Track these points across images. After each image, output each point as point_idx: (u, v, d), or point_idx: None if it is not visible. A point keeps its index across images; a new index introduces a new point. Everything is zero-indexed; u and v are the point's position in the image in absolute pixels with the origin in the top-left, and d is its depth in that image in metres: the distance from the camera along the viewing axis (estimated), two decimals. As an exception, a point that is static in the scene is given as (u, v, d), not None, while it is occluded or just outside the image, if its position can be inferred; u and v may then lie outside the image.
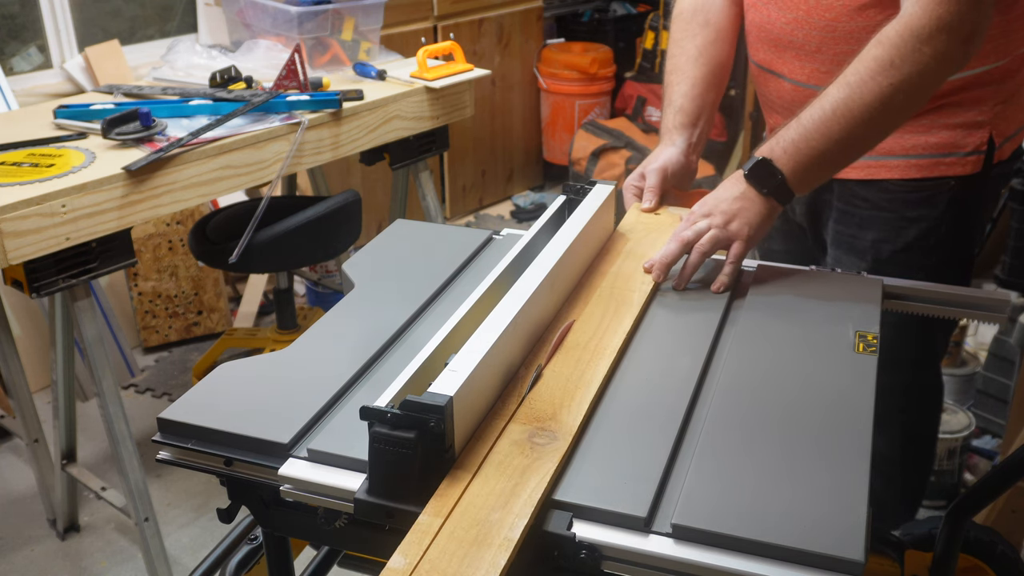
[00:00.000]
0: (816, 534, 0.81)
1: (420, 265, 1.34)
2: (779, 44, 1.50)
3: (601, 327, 1.14)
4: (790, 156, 1.25)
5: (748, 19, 1.57)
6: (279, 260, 2.63)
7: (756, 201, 1.26)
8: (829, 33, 1.42)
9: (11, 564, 2.41)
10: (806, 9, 1.43)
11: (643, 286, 1.24)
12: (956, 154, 1.47)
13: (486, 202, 4.48)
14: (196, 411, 1.00)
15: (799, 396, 1.02)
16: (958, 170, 1.48)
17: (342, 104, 2.28)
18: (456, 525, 0.82)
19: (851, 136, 1.25)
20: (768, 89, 1.58)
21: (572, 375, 1.05)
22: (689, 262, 1.26)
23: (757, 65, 1.59)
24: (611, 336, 1.12)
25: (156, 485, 2.63)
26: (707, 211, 1.28)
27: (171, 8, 3.46)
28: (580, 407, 0.99)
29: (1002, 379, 2.75)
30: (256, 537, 1.23)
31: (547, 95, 4.48)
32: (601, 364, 1.07)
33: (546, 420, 0.97)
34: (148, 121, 2.04)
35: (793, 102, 1.50)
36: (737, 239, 1.26)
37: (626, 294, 1.22)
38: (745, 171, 1.27)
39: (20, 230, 1.77)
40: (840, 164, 1.31)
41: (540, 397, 1.01)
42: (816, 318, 1.18)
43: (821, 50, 1.44)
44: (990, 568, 1.46)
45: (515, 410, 0.99)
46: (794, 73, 1.50)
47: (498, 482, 0.88)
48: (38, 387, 3.03)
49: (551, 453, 0.91)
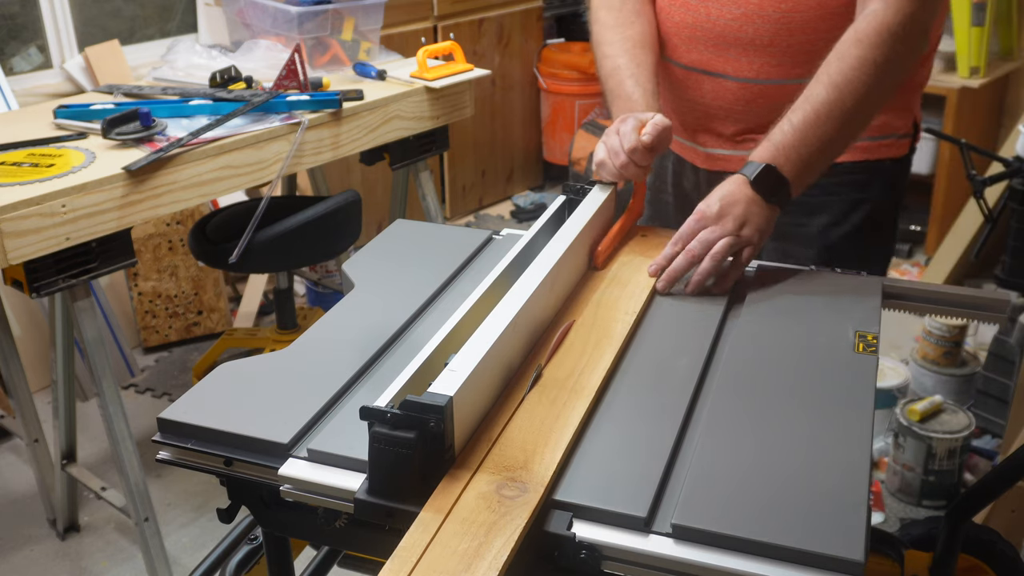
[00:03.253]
0: (816, 534, 0.81)
1: (420, 265, 1.34)
2: (721, 42, 1.45)
3: (581, 362, 1.07)
4: (792, 162, 1.25)
5: (672, 20, 1.50)
6: (279, 260, 2.63)
7: (764, 207, 1.25)
8: (784, 25, 1.39)
9: (11, 564, 2.41)
10: (757, 3, 1.40)
11: (626, 316, 1.17)
12: (891, 136, 1.52)
13: (486, 202, 4.48)
14: (196, 411, 0.99)
15: (799, 396, 1.02)
16: (894, 152, 1.54)
17: (342, 104, 2.28)
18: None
19: (841, 135, 1.28)
20: (701, 92, 1.52)
21: (547, 417, 0.97)
22: (702, 268, 1.23)
23: (684, 67, 1.52)
24: (590, 373, 1.05)
25: (156, 485, 2.63)
26: (718, 214, 1.24)
27: (171, 8, 3.46)
28: (554, 454, 0.91)
29: (1002, 379, 2.75)
30: (256, 537, 1.23)
31: (547, 95, 4.48)
32: (579, 405, 0.99)
33: (516, 469, 0.89)
34: (148, 121, 2.04)
35: (738, 101, 1.48)
36: (749, 245, 1.25)
37: (609, 325, 1.15)
38: (751, 178, 1.25)
39: (20, 230, 1.77)
40: (828, 163, 1.32)
41: (511, 442, 0.93)
42: (816, 318, 1.18)
43: (774, 43, 1.41)
44: (990, 568, 1.46)
45: (483, 458, 0.91)
46: (740, 71, 1.45)
47: (461, 542, 0.80)
48: (38, 387, 3.03)
49: (520, 508, 0.84)
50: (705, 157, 1.59)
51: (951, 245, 3.49)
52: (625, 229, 1.38)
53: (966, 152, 2.60)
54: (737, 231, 1.24)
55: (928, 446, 2.52)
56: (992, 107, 3.94)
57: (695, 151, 1.61)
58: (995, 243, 2.86)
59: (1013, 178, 2.66)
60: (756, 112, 1.47)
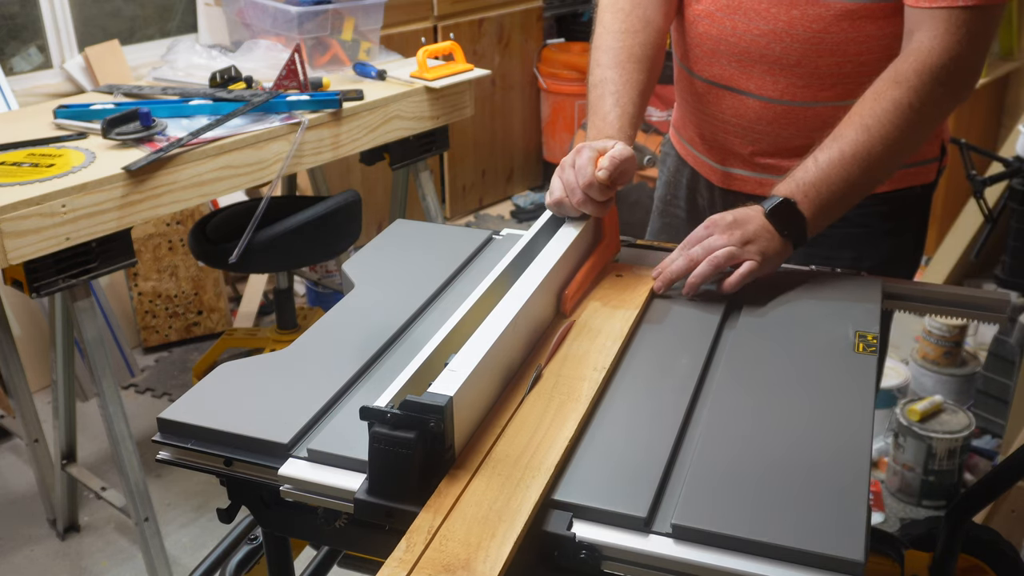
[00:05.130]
0: (816, 534, 0.81)
1: (420, 265, 1.34)
2: (746, 58, 1.39)
3: (538, 434, 0.94)
4: (811, 200, 1.22)
5: (696, 31, 1.44)
6: (279, 260, 2.63)
7: (776, 238, 1.21)
8: (813, 46, 1.34)
9: (11, 564, 2.41)
10: (787, 20, 1.33)
11: (595, 373, 1.03)
12: (920, 163, 1.48)
13: (486, 202, 4.48)
14: (196, 411, 0.99)
15: (799, 396, 1.02)
16: (922, 179, 1.49)
17: (342, 104, 2.28)
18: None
19: (867, 178, 1.23)
20: (721, 107, 1.47)
21: (495, 503, 0.85)
22: (699, 271, 1.20)
23: (706, 81, 1.47)
24: (548, 447, 0.92)
25: (156, 485, 2.63)
26: (727, 226, 1.21)
27: (171, 8, 3.46)
28: (501, 549, 0.80)
29: (1002, 379, 2.75)
30: (256, 537, 1.23)
31: (547, 95, 4.48)
32: (534, 486, 0.86)
33: (456, 569, 0.78)
34: (148, 121, 2.05)
35: (759, 120, 1.43)
36: (750, 259, 1.20)
37: (574, 384, 1.02)
38: (767, 210, 1.22)
39: (20, 230, 1.77)
40: (851, 204, 1.26)
41: (452, 534, 0.81)
42: (816, 318, 1.18)
43: (801, 63, 1.36)
44: (990, 568, 1.46)
45: (419, 558, 0.79)
46: (764, 89, 1.40)
47: None
48: (38, 387, 3.03)
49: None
50: (721, 175, 1.55)
51: (951, 245, 3.49)
52: (597, 269, 1.27)
53: (966, 152, 2.60)
54: (742, 244, 1.21)
55: (928, 446, 2.52)
56: (992, 107, 3.94)
57: (711, 167, 1.56)
58: (995, 243, 2.87)
59: (1013, 178, 2.66)
60: (776, 133, 1.43)
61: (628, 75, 1.38)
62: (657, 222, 1.72)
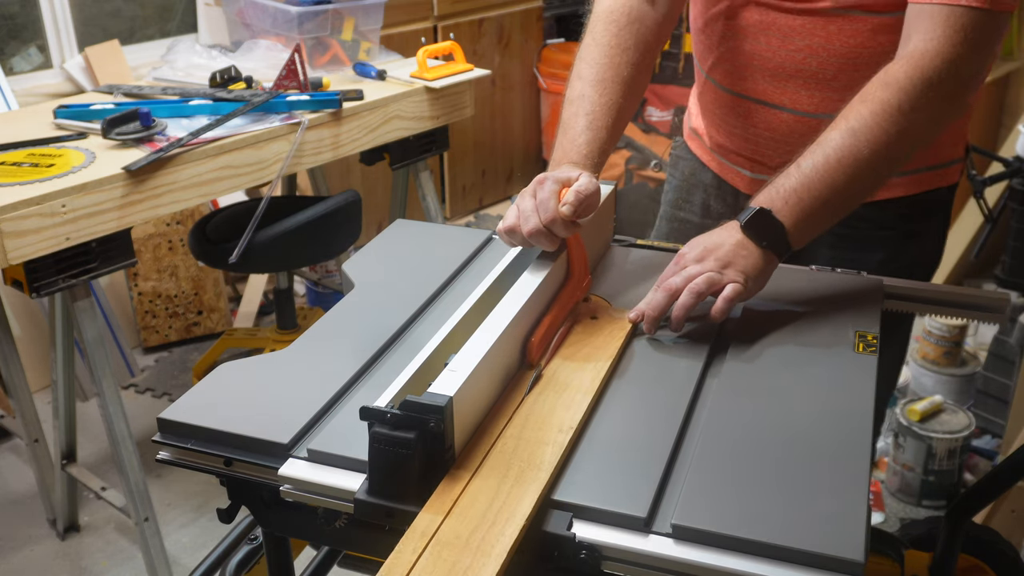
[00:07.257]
0: (816, 534, 0.81)
1: (420, 265, 1.34)
2: (781, 73, 1.37)
3: (492, 509, 0.83)
4: (792, 207, 1.14)
5: (728, 46, 1.41)
6: (279, 260, 2.63)
7: (754, 252, 1.15)
8: (850, 60, 1.31)
9: (11, 564, 2.41)
10: (824, 36, 1.31)
11: (560, 436, 0.93)
12: (946, 164, 1.47)
13: (486, 202, 4.48)
14: (196, 411, 0.99)
15: (799, 396, 1.02)
16: (949, 180, 1.48)
17: (342, 104, 2.28)
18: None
19: (854, 184, 1.15)
20: (752, 121, 1.44)
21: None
22: (681, 303, 1.12)
23: (736, 95, 1.44)
24: (503, 525, 0.81)
25: (156, 485, 2.63)
26: (699, 256, 1.15)
27: (171, 8, 3.46)
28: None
29: (1002, 379, 2.75)
30: (256, 537, 1.23)
31: (547, 95, 4.48)
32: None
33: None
34: (148, 121, 2.05)
35: (792, 133, 1.39)
36: (733, 283, 1.13)
37: (536, 449, 0.91)
38: (742, 222, 1.16)
39: (20, 230, 1.77)
40: (840, 214, 1.19)
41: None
42: (816, 318, 1.18)
43: (837, 78, 1.32)
44: (990, 568, 1.46)
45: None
46: (798, 103, 1.37)
47: None
48: (38, 387, 3.03)
49: None
50: (749, 182, 1.51)
51: (951, 245, 3.49)
52: (566, 311, 1.16)
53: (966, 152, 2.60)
54: (720, 269, 1.14)
55: (928, 446, 2.52)
56: (992, 107, 3.94)
57: (738, 174, 1.53)
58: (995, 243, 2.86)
59: (1013, 178, 2.66)
60: (808, 145, 1.38)
61: (608, 96, 1.33)
62: (665, 226, 1.68)
